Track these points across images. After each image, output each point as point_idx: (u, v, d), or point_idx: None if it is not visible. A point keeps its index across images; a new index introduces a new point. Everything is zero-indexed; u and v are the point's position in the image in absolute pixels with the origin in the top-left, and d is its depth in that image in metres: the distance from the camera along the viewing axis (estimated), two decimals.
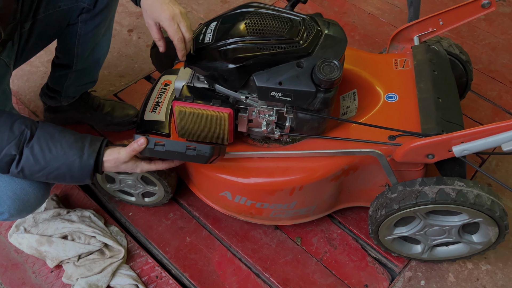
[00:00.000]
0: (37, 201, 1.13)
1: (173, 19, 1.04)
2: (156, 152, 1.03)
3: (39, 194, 1.12)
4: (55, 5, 1.25)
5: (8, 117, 0.99)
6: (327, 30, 1.14)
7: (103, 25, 1.37)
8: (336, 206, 1.37)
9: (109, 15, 1.36)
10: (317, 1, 2.26)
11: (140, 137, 1.02)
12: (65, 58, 1.42)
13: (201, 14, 2.16)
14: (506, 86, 1.90)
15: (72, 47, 1.38)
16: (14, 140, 0.96)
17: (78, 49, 1.38)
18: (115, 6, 1.39)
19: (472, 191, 1.08)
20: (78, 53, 1.39)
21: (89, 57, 1.43)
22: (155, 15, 1.05)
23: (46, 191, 1.14)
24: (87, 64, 1.45)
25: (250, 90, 1.14)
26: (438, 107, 1.15)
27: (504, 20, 2.20)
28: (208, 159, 1.05)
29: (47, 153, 0.99)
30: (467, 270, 1.35)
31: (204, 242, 1.38)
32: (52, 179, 1.06)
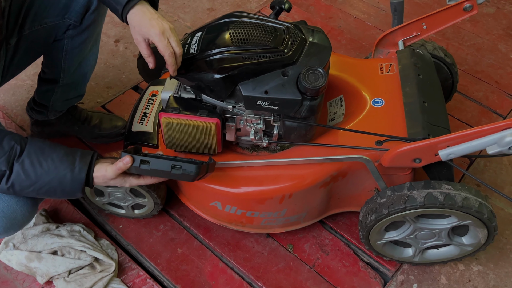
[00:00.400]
0: (24, 219, 1.12)
1: (163, 34, 1.03)
2: (142, 170, 1.03)
3: (26, 212, 1.11)
4: (41, 21, 1.25)
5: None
6: (312, 38, 1.15)
7: (90, 41, 1.36)
8: (326, 212, 1.37)
9: (95, 30, 1.36)
10: (303, 7, 2.27)
11: (126, 156, 1.01)
12: (51, 72, 1.41)
13: (187, 22, 2.16)
14: (492, 86, 1.92)
15: (58, 62, 1.37)
16: (4, 155, 0.96)
17: (65, 64, 1.38)
18: (101, 22, 1.38)
19: (460, 194, 1.09)
20: (64, 68, 1.38)
21: (75, 72, 1.42)
22: (144, 31, 1.04)
23: (34, 208, 1.13)
24: (74, 78, 1.44)
25: (237, 100, 1.14)
26: (424, 111, 1.16)
27: (488, 21, 2.23)
28: (194, 178, 1.04)
29: (38, 168, 0.98)
30: (458, 272, 1.36)
31: (196, 253, 1.37)
32: (42, 194, 1.05)
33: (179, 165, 1.03)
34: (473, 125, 1.76)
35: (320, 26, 2.14)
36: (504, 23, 2.22)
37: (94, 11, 1.28)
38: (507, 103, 1.85)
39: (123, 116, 1.68)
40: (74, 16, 1.26)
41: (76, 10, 1.25)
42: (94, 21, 1.31)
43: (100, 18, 1.34)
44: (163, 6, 2.23)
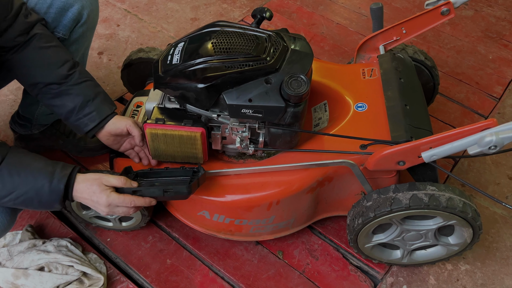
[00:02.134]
0: (2, 228, 1.10)
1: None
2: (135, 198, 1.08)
3: (5, 221, 1.09)
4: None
5: None
6: (293, 45, 1.16)
7: (77, 54, 1.36)
8: (315, 217, 1.37)
9: (84, 44, 1.36)
10: (285, 14, 2.29)
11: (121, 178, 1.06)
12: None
13: (171, 33, 2.16)
14: (472, 87, 1.95)
15: None
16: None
17: None
18: (90, 36, 1.38)
19: (444, 194, 1.10)
20: None
21: None
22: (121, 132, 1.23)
23: (12, 218, 1.11)
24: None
25: (221, 108, 1.15)
26: (406, 114, 1.18)
27: (467, 23, 2.28)
28: (188, 195, 1.09)
29: (15, 177, 0.97)
30: (447, 272, 1.37)
31: (185, 263, 1.36)
32: (19, 204, 1.04)
33: (170, 189, 1.08)
34: (456, 126, 1.79)
35: (303, 32, 2.17)
36: (483, 25, 2.27)
37: (83, 24, 1.28)
38: (488, 104, 1.89)
39: None
40: (63, 29, 1.26)
41: (64, 24, 1.25)
42: (82, 34, 1.31)
43: (89, 32, 1.34)
44: (146, 17, 2.24)
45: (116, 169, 1.32)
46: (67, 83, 1.16)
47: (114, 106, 1.23)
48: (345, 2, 2.39)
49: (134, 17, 2.23)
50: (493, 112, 1.86)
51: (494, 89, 1.95)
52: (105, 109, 1.20)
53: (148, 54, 1.48)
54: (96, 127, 1.19)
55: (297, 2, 2.37)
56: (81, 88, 1.18)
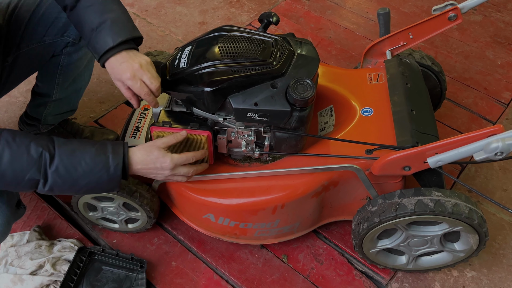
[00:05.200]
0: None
1: (134, 77, 1.03)
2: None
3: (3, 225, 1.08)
4: (40, 39, 1.26)
5: (22, 139, 0.94)
6: (300, 50, 1.16)
7: (86, 58, 1.38)
8: (320, 222, 1.37)
9: None
10: (293, 19, 2.30)
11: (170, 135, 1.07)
12: (45, 87, 1.42)
13: (179, 36, 2.18)
14: (480, 93, 1.94)
15: (53, 77, 1.38)
16: (35, 165, 0.94)
17: (59, 79, 1.39)
18: None
19: (450, 200, 1.10)
20: (58, 83, 1.39)
21: (69, 87, 1.43)
22: (118, 77, 1.05)
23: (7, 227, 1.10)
24: (67, 93, 1.45)
25: (227, 112, 1.15)
26: (412, 119, 1.18)
27: (475, 29, 2.27)
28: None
29: (73, 173, 0.97)
30: (452, 278, 1.36)
31: (190, 266, 1.37)
32: (83, 193, 1.09)
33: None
34: (463, 132, 1.78)
35: (310, 37, 2.17)
36: (491, 30, 2.26)
37: None
38: (496, 109, 1.88)
39: (116, 131, 1.69)
40: (73, 34, 1.27)
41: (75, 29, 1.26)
42: None
43: None
44: (155, 21, 2.26)
45: None
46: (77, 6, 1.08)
47: (119, 37, 1.03)
48: (353, 7, 2.39)
49: (143, 21, 2.25)
50: (501, 118, 1.85)
51: (502, 94, 1.94)
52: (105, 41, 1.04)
53: (156, 58, 1.49)
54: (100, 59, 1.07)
55: (305, 7, 2.38)
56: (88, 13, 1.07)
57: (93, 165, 0.98)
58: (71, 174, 0.97)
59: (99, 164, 0.99)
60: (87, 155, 0.98)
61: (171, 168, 1.06)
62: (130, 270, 1.32)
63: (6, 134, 0.94)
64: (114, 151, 1.01)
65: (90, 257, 1.33)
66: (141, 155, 1.04)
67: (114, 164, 1.00)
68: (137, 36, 1.08)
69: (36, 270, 1.30)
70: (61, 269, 1.30)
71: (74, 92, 1.47)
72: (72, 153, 0.97)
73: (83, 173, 0.98)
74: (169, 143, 1.07)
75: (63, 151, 0.97)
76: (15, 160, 0.92)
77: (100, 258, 1.34)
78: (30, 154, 0.93)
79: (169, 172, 1.06)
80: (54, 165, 0.95)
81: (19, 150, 0.93)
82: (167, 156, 1.05)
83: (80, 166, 0.97)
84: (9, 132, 0.94)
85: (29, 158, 0.93)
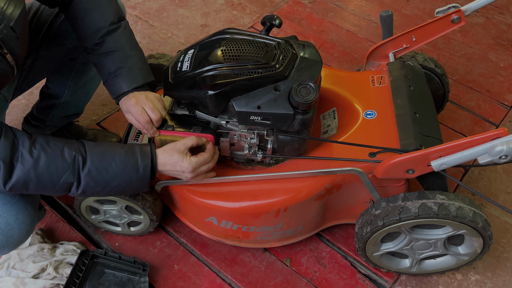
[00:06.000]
0: (21, 237, 1.11)
1: (136, 104, 1.10)
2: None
3: (23, 230, 1.10)
4: (60, 43, 1.27)
5: (56, 144, 0.99)
6: (303, 53, 1.16)
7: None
8: (323, 225, 1.37)
9: None
10: (295, 21, 2.30)
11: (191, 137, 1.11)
12: (56, 89, 1.43)
13: (181, 39, 2.18)
14: (483, 95, 1.94)
15: (66, 80, 1.39)
16: (69, 168, 0.98)
17: (72, 82, 1.40)
18: None
19: (454, 203, 1.09)
20: (70, 85, 1.41)
21: (79, 90, 1.44)
22: (125, 109, 1.14)
23: (31, 228, 1.13)
24: (77, 96, 1.46)
25: (230, 115, 1.15)
26: (416, 122, 1.17)
27: (478, 31, 2.26)
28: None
29: (104, 175, 1.01)
30: (456, 282, 1.35)
31: (193, 269, 1.37)
32: (114, 194, 1.14)
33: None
34: (467, 134, 1.77)
35: (313, 39, 2.17)
36: (494, 32, 2.25)
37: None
38: (499, 112, 1.87)
39: (118, 133, 1.69)
40: None
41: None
42: None
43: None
44: (157, 23, 2.26)
45: None
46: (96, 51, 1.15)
47: (134, 83, 1.14)
48: (355, 9, 2.39)
49: (145, 23, 2.25)
50: (504, 120, 1.84)
51: (505, 97, 1.93)
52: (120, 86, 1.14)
53: (158, 60, 1.49)
54: (115, 99, 1.17)
55: (307, 9, 2.38)
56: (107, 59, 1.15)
57: (123, 167, 1.03)
58: (102, 176, 1.01)
59: (128, 165, 1.03)
60: (117, 157, 1.02)
61: (191, 171, 1.09)
62: (132, 273, 1.32)
63: (40, 140, 0.98)
64: (142, 153, 1.05)
65: (92, 260, 1.33)
66: (164, 158, 1.08)
67: (143, 165, 1.04)
68: (150, 81, 1.17)
69: (39, 273, 1.30)
70: (63, 272, 1.30)
71: (83, 95, 1.48)
72: (103, 155, 1.02)
73: (114, 174, 1.02)
74: (189, 144, 1.10)
75: (94, 154, 1.01)
76: (51, 164, 0.96)
77: (102, 261, 1.34)
78: (64, 157, 0.98)
79: (190, 174, 1.10)
80: (87, 168, 1.00)
81: (54, 154, 0.97)
82: (186, 160, 1.08)
83: (111, 168, 1.02)
84: (43, 138, 0.99)
85: (64, 161, 0.97)
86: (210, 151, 1.13)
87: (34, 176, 0.96)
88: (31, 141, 0.96)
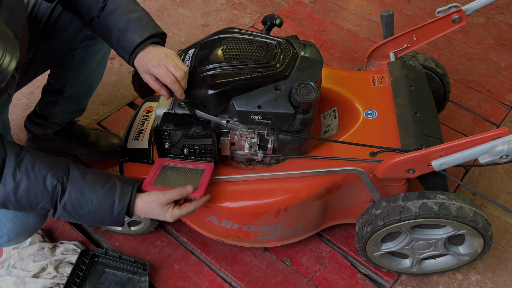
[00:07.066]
0: (36, 225, 1.12)
1: (159, 65, 1.05)
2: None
3: (39, 218, 1.12)
4: (59, 34, 1.27)
5: (40, 169, 0.98)
6: (303, 52, 1.16)
7: (100, 52, 1.39)
8: (323, 225, 1.37)
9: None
10: (296, 21, 2.30)
11: (175, 190, 1.08)
12: (57, 83, 1.43)
13: (182, 38, 2.18)
14: (484, 95, 1.93)
15: (67, 72, 1.39)
16: (48, 196, 0.99)
17: (72, 74, 1.40)
18: None
19: (454, 203, 1.09)
20: (71, 77, 1.40)
21: (81, 83, 1.44)
22: (145, 68, 1.08)
23: (45, 216, 1.13)
24: (78, 91, 1.46)
25: (231, 114, 1.15)
26: (416, 122, 1.17)
27: (479, 31, 2.26)
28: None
29: (79, 211, 1.03)
30: (457, 282, 1.35)
31: (193, 269, 1.37)
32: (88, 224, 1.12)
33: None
34: (467, 134, 1.77)
35: (313, 39, 2.17)
36: (495, 32, 2.25)
37: None
38: (500, 112, 1.87)
39: (118, 133, 1.69)
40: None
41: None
42: None
43: None
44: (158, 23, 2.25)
45: (126, 173, 1.33)
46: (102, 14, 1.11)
47: (146, 32, 1.07)
48: (356, 9, 2.39)
49: None
50: (505, 120, 1.84)
51: (506, 97, 1.93)
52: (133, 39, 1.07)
53: None
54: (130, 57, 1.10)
55: (308, 9, 2.38)
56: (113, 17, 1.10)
57: (99, 207, 1.03)
58: (77, 211, 1.03)
59: (104, 206, 1.04)
60: (94, 197, 1.03)
61: (173, 220, 1.10)
62: (132, 272, 1.32)
63: (27, 161, 0.97)
64: (121, 197, 1.05)
65: (92, 259, 1.33)
66: (144, 208, 1.08)
67: (118, 209, 1.05)
68: (162, 32, 1.12)
69: (39, 273, 1.30)
70: (63, 271, 1.30)
71: (85, 89, 1.48)
72: (82, 192, 1.02)
73: (88, 212, 1.03)
74: (173, 199, 1.08)
75: (73, 188, 1.01)
76: (31, 190, 0.97)
77: (102, 260, 1.34)
78: (45, 185, 0.98)
79: (173, 221, 1.11)
80: (64, 201, 1.01)
81: (36, 180, 0.97)
82: (168, 213, 1.08)
83: (86, 206, 1.02)
84: (30, 159, 0.98)
85: (44, 189, 0.98)
86: (196, 205, 1.11)
87: (13, 199, 0.96)
88: (17, 162, 0.95)
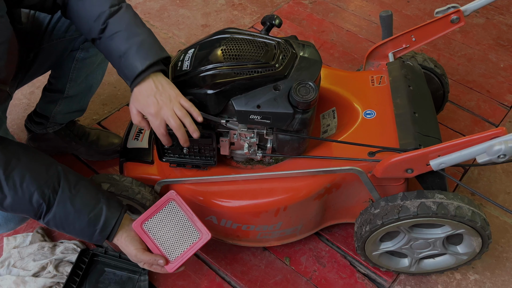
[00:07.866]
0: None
1: (156, 116, 1.03)
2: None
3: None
4: (61, 35, 1.28)
5: (28, 186, 0.97)
6: (302, 52, 1.16)
7: (101, 54, 1.38)
8: (322, 224, 1.37)
9: None
10: (295, 21, 2.30)
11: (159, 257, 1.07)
12: (58, 83, 1.43)
13: (182, 39, 2.19)
14: (483, 96, 1.94)
15: (67, 72, 1.40)
16: (33, 211, 1.00)
17: (73, 74, 1.40)
18: None
19: (453, 203, 1.10)
20: (72, 78, 1.41)
21: (81, 84, 1.44)
22: (140, 108, 1.05)
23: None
24: (79, 91, 1.46)
25: (230, 114, 1.16)
26: (415, 122, 1.18)
27: (478, 31, 2.27)
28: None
29: (60, 229, 1.04)
30: (455, 281, 1.36)
31: (192, 268, 1.37)
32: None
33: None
34: (466, 134, 1.77)
35: (313, 39, 2.17)
36: (494, 33, 2.26)
37: None
38: (499, 112, 1.87)
39: (118, 133, 1.69)
40: None
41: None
42: None
43: None
44: (158, 23, 2.27)
45: (126, 173, 1.34)
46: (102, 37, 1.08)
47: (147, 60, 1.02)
48: (355, 10, 2.40)
49: (146, 23, 2.23)
50: (504, 120, 1.84)
51: (505, 97, 1.93)
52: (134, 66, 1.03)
53: None
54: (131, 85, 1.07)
55: (307, 9, 2.38)
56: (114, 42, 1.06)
57: (80, 232, 1.05)
58: (58, 228, 1.04)
59: (85, 233, 1.05)
60: (77, 223, 1.03)
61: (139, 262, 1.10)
62: (132, 272, 1.32)
63: (17, 173, 0.96)
64: (102, 228, 1.04)
65: (92, 258, 1.34)
66: (120, 246, 1.08)
67: (97, 238, 1.06)
68: (165, 56, 1.08)
69: (39, 272, 1.30)
70: (63, 270, 1.31)
71: (86, 89, 1.48)
72: (66, 216, 1.02)
73: (69, 232, 1.05)
74: (144, 262, 1.08)
75: (59, 211, 1.01)
76: (16, 203, 0.98)
77: (102, 260, 1.34)
78: (31, 203, 0.98)
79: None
80: (47, 218, 1.01)
81: (23, 197, 0.97)
82: (141, 258, 1.07)
83: (68, 228, 1.04)
84: (19, 173, 0.96)
85: (30, 205, 0.98)
86: (164, 272, 1.10)
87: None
88: (6, 174, 0.95)
